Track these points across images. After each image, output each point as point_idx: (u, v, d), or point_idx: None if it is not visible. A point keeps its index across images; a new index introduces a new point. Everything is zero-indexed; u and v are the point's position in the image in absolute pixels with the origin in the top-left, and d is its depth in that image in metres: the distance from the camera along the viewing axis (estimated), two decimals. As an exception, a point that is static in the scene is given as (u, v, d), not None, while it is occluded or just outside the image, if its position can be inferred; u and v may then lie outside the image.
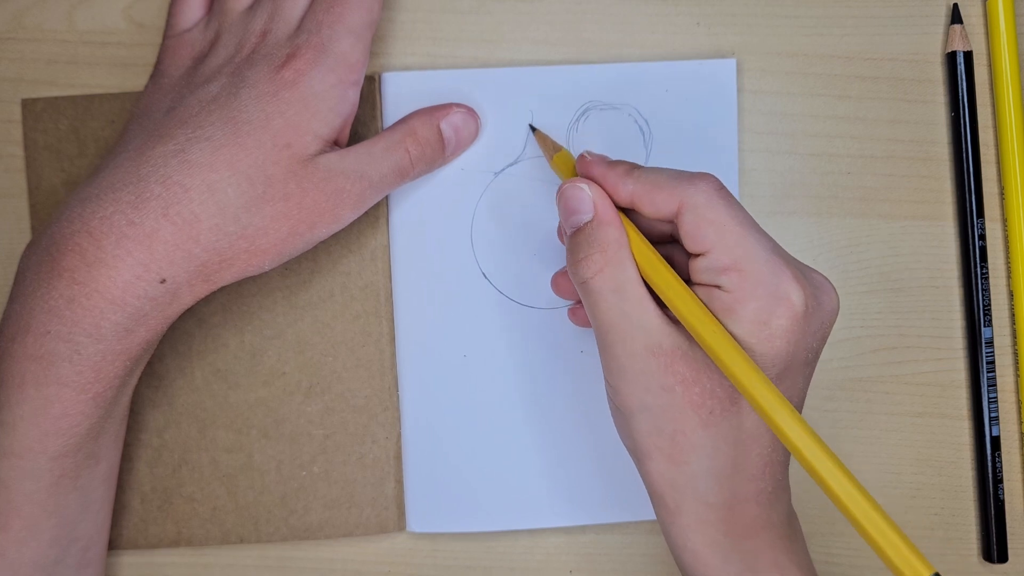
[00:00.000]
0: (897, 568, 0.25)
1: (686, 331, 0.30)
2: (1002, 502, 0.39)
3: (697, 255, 0.30)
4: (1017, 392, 0.40)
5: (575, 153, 0.36)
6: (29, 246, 0.32)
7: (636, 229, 0.31)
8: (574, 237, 0.31)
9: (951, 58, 0.39)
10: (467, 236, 0.38)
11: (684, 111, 0.38)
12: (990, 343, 0.39)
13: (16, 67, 0.39)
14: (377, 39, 0.39)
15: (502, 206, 0.38)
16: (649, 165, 0.38)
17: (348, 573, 0.40)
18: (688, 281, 0.30)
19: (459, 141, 0.37)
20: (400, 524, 0.39)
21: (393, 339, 0.39)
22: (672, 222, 0.30)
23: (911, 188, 0.40)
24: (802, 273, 0.30)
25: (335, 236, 0.38)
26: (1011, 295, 0.40)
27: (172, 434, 0.38)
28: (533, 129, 0.38)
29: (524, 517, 0.39)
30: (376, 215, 0.38)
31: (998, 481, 0.39)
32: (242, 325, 0.38)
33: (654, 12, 0.39)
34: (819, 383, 0.40)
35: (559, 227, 0.37)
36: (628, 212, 0.32)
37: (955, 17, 0.39)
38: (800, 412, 0.31)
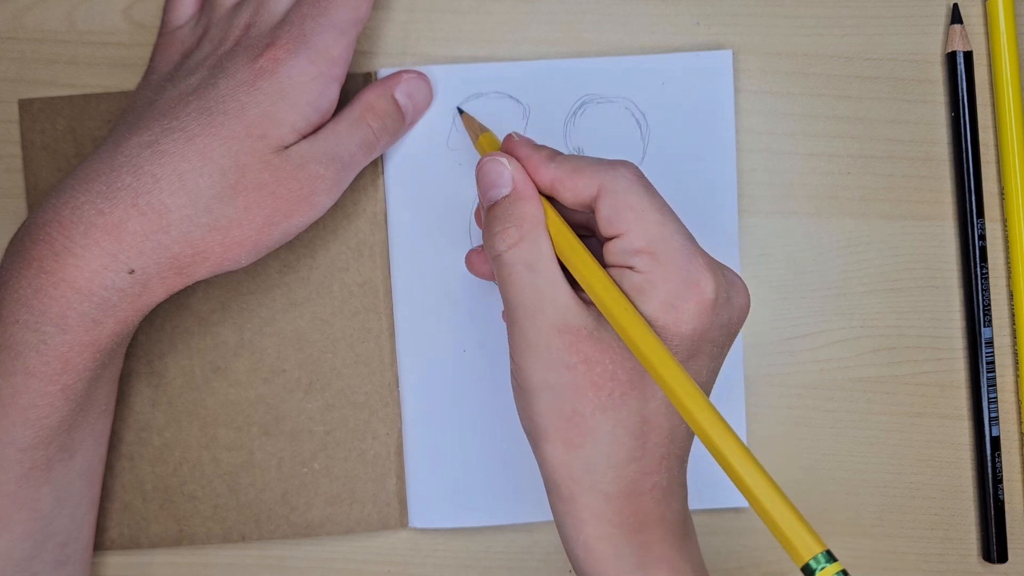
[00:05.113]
0: (792, 545, 0.25)
1: (595, 311, 0.30)
2: (1002, 502, 0.39)
3: (611, 238, 0.30)
4: (1017, 392, 0.40)
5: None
6: (12, 239, 0.32)
7: (554, 208, 0.31)
8: (491, 211, 0.31)
9: (951, 58, 0.39)
10: (465, 230, 0.38)
11: (681, 103, 0.38)
12: (990, 343, 0.39)
13: (16, 67, 0.39)
14: (375, 38, 0.39)
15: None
16: (647, 158, 0.38)
17: (348, 573, 0.40)
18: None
19: (415, 106, 0.37)
20: (402, 520, 0.39)
21: (392, 335, 0.39)
22: (590, 211, 0.30)
23: (911, 188, 0.40)
24: (717, 266, 0.30)
25: (332, 232, 0.38)
26: (1011, 295, 0.40)
27: (173, 432, 0.38)
28: (460, 111, 0.38)
29: (526, 511, 0.39)
30: (374, 211, 0.38)
31: (998, 481, 0.39)
32: (241, 322, 0.38)
33: (654, 12, 0.39)
34: (819, 383, 0.40)
35: (476, 210, 0.37)
36: (549, 200, 0.32)
37: (955, 17, 0.39)
38: None
